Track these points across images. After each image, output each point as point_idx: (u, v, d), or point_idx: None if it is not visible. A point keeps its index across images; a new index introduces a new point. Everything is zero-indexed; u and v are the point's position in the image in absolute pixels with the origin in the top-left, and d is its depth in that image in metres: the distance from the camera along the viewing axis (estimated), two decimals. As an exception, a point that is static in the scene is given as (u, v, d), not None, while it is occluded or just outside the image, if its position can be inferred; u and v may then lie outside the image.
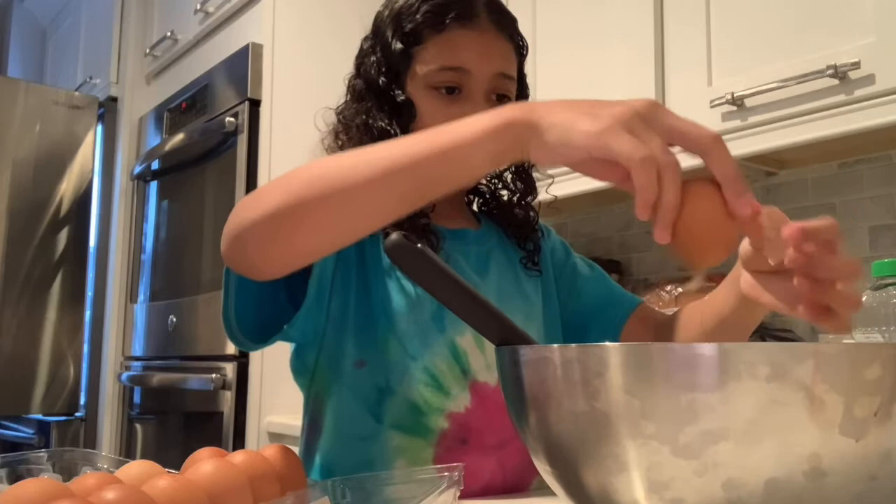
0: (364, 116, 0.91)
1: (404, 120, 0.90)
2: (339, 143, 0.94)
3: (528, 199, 1.01)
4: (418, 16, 0.88)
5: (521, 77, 0.97)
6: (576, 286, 1.04)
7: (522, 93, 0.98)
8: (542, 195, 1.08)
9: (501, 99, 0.90)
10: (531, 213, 1.01)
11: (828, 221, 0.56)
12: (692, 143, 0.52)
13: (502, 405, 0.87)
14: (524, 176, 1.00)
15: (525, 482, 0.89)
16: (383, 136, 0.88)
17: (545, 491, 0.73)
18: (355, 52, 0.98)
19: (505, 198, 1.01)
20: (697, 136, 0.52)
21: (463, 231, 0.96)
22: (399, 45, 0.89)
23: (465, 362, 0.87)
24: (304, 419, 0.94)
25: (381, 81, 0.91)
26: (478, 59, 0.87)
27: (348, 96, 0.96)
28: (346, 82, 0.97)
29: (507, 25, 0.91)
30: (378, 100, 0.91)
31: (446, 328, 0.87)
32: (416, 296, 0.87)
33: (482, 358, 0.87)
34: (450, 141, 0.60)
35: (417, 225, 0.86)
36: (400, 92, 0.90)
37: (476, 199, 1.05)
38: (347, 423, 0.86)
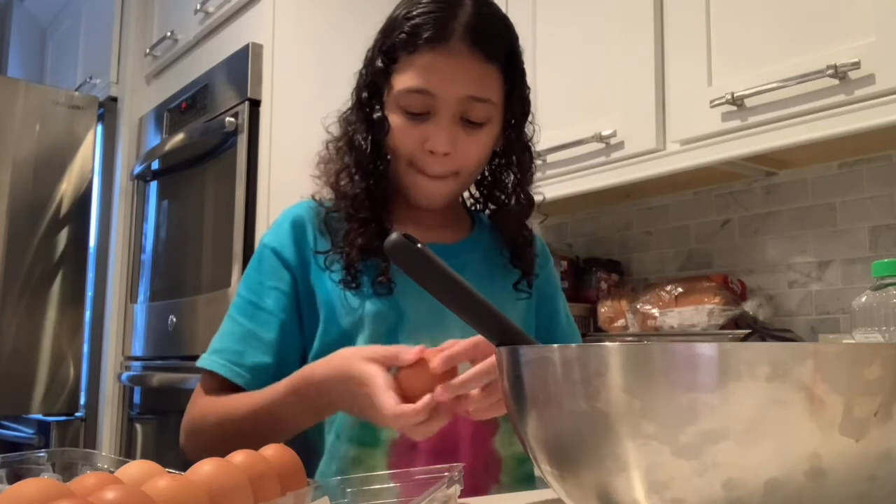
0: (351, 128, 0.95)
1: (378, 135, 0.92)
2: (328, 152, 0.98)
3: (525, 215, 1.01)
4: (396, 36, 0.89)
5: (514, 96, 0.94)
6: (549, 331, 1.05)
7: (517, 111, 0.96)
8: (539, 196, 1.08)
9: (473, 125, 0.90)
10: (526, 231, 1.02)
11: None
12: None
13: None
14: (524, 193, 1.00)
15: (482, 487, 0.90)
16: (358, 150, 0.93)
17: (544, 490, 0.73)
18: (355, 51, 0.99)
19: (511, 210, 1.01)
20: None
21: (432, 245, 0.96)
22: (380, 63, 0.92)
23: None
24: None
25: (363, 96, 0.94)
26: (444, 81, 0.87)
27: (350, 104, 0.98)
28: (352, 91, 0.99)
29: (486, 47, 0.88)
30: (363, 112, 0.94)
31: (400, 342, 0.88)
32: (372, 313, 0.89)
33: None
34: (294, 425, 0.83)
35: (360, 247, 0.90)
36: (378, 107, 0.92)
37: (480, 199, 1.05)
38: (314, 441, 0.90)
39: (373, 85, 0.93)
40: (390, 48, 0.90)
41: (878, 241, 1.47)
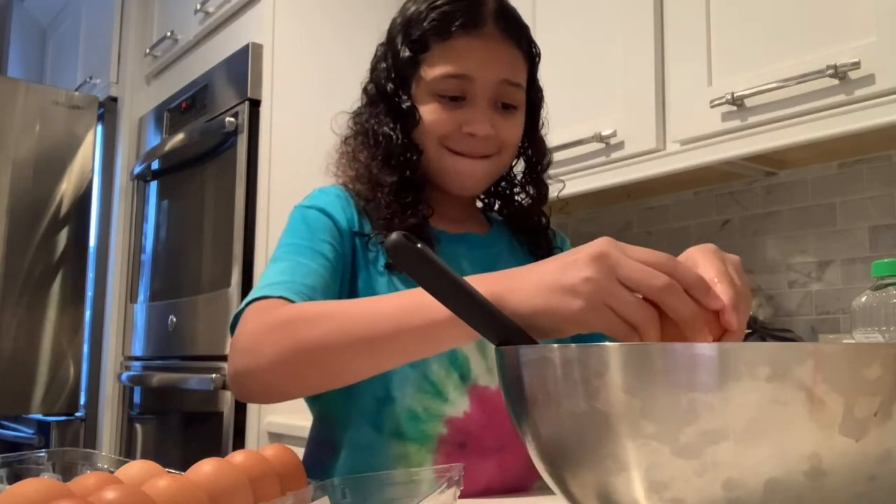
0: (372, 121, 0.93)
1: (408, 125, 0.91)
2: (349, 147, 0.96)
3: (541, 203, 1.02)
4: (425, 23, 0.89)
5: (533, 84, 0.97)
6: None
7: (534, 98, 0.98)
8: (559, 184, 1.08)
9: (507, 108, 0.91)
10: (542, 219, 1.02)
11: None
12: (644, 293, 0.54)
13: (502, 408, 0.87)
14: (537, 181, 1.01)
15: (527, 484, 0.89)
16: (386, 141, 0.91)
17: (545, 491, 0.73)
18: (355, 51, 0.99)
19: (522, 202, 1.02)
20: (647, 287, 0.54)
21: (467, 235, 0.97)
22: (407, 53, 0.91)
23: (464, 368, 0.86)
24: (311, 438, 0.95)
25: (388, 87, 0.92)
26: (481, 66, 0.88)
27: (363, 101, 0.97)
28: (362, 87, 0.98)
29: (515, 33, 0.91)
30: (386, 105, 0.93)
31: None
32: None
33: (483, 362, 0.87)
34: (429, 321, 0.62)
35: (410, 227, 0.86)
36: (406, 97, 0.91)
37: (489, 201, 1.05)
38: (348, 435, 0.87)
39: (399, 76, 0.92)
40: (419, 37, 0.90)
41: (878, 241, 1.47)
